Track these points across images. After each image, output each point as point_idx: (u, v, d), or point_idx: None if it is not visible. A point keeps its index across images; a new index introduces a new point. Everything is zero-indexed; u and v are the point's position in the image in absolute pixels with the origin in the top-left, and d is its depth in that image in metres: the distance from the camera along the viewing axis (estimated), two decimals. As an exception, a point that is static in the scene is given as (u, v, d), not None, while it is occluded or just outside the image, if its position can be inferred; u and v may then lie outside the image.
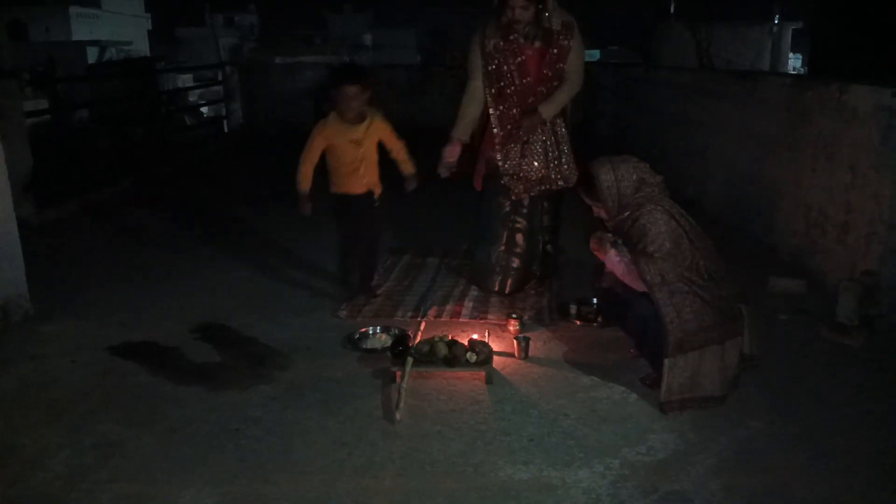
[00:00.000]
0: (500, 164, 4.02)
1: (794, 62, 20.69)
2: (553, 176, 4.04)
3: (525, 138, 3.99)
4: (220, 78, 12.63)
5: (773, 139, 5.07)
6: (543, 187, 4.07)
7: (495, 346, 3.41)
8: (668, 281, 2.87)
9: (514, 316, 3.69)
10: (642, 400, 3.01)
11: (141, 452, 2.68)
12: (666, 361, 2.83)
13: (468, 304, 4.11)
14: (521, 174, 4.01)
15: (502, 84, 3.96)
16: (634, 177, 3.06)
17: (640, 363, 3.27)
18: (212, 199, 7.26)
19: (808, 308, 3.89)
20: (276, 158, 9.93)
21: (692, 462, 2.56)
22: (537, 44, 3.89)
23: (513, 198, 4.07)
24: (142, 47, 29.13)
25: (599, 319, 3.80)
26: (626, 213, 3.06)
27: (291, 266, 4.90)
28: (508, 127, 3.99)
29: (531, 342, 3.44)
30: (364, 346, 3.53)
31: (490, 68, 3.95)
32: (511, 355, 3.41)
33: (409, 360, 3.14)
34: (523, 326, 3.66)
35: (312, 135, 3.97)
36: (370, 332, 3.65)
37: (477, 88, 4.02)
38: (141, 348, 3.60)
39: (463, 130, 4.04)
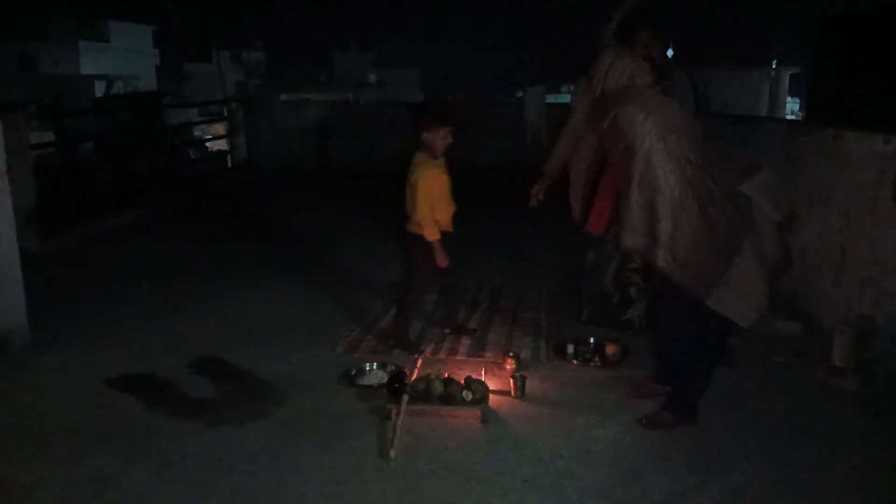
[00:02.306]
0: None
1: (792, 106, 20.95)
2: None
3: None
4: (225, 113, 12.80)
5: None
6: None
7: (492, 385, 3.41)
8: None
9: (510, 354, 3.69)
10: (638, 441, 3.00)
11: (135, 487, 2.67)
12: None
13: (465, 341, 4.12)
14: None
15: None
16: (627, 74, 3.00)
17: (636, 404, 3.28)
18: (213, 233, 7.30)
19: (803, 351, 3.90)
20: (277, 194, 10.06)
21: (687, 505, 2.55)
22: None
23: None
24: (149, 82, 29.54)
25: (596, 359, 3.82)
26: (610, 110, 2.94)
27: (290, 301, 4.91)
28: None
29: (528, 381, 3.44)
30: (360, 383, 3.54)
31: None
32: (507, 393, 3.41)
33: (405, 397, 3.14)
34: (520, 365, 3.66)
35: (427, 178, 3.80)
36: (367, 369, 3.66)
37: (577, 127, 3.95)
38: (138, 381, 3.61)
39: (553, 167, 4.10)
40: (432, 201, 3.82)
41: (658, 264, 2.88)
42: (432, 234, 3.84)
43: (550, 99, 15.58)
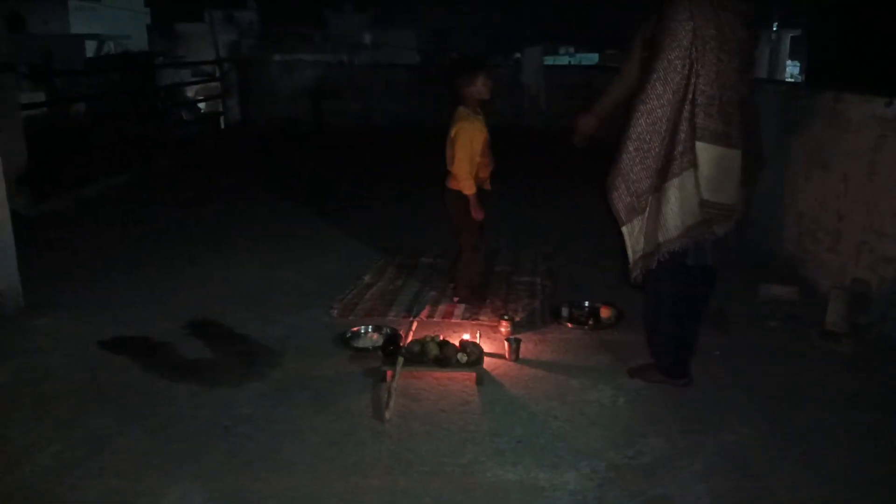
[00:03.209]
0: None
1: (792, 69, 20.74)
2: None
3: None
4: (218, 74, 12.63)
5: (767, 146, 5.09)
6: None
7: (486, 347, 3.42)
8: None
9: (505, 317, 3.70)
10: (631, 403, 3.02)
11: (130, 448, 2.68)
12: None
13: (460, 304, 4.11)
14: None
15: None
16: None
17: (628, 365, 3.30)
18: (207, 195, 7.25)
19: (799, 315, 3.91)
20: (272, 155, 9.97)
21: (679, 466, 2.57)
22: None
23: None
24: (140, 42, 29.04)
25: (591, 322, 3.82)
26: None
27: (285, 264, 4.90)
28: None
29: (522, 344, 3.45)
30: (355, 345, 3.54)
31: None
32: (502, 356, 3.42)
33: (400, 359, 3.15)
34: (514, 328, 3.67)
35: (467, 132, 3.76)
36: (362, 331, 3.66)
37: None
38: (132, 343, 3.61)
39: (602, 108, 3.53)
40: (472, 155, 3.78)
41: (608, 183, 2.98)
42: (469, 188, 3.81)
43: (549, 61, 15.35)
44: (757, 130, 3.08)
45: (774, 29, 17.22)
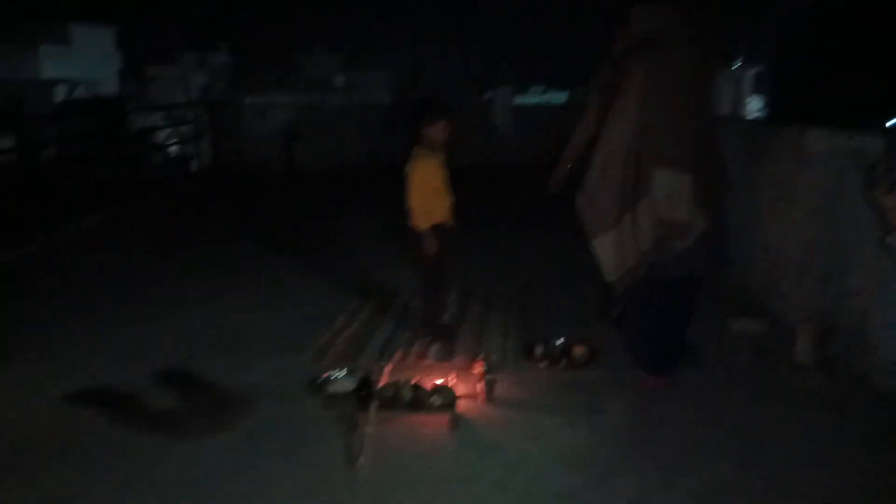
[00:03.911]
0: None
1: (756, 104, 21.29)
2: None
3: None
4: (189, 117, 12.63)
5: (733, 171, 5.19)
6: None
7: (461, 389, 3.40)
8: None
9: (479, 358, 3.68)
10: (606, 442, 3.01)
11: (95, 503, 2.60)
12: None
13: (434, 346, 4.10)
14: None
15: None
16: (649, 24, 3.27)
17: (604, 405, 3.30)
18: (179, 239, 7.19)
19: (767, 348, 3.95)
20: (244, 198, 9.94)
21: (655, 506, 2.56)
22: None
23: None
24: (112, 85, 28.99)
25: (564, 360, 3.82)
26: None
27: (258, 308, 4.85)
28: None
29: (496, 384, 3.43)
30: (328, 391, 3.49)
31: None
32: (476, 398, 3.40)
33: (373, 404, 3.11)
34: (489, 368, 3.65)
35: (421, 169, 3.93)
36: (334, 377, 3.61)
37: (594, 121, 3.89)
38: (99, 394, 3.52)
39: (570, 154, 3.91)
40: (425, 192, 3.94)
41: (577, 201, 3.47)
42: (420, 223, 3.96)
43: (519, 99, 15.63)
44: (716, 157, 3.47)
45: (739, 65, 17.71)
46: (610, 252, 3.40)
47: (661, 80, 3.23)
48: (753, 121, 7.31)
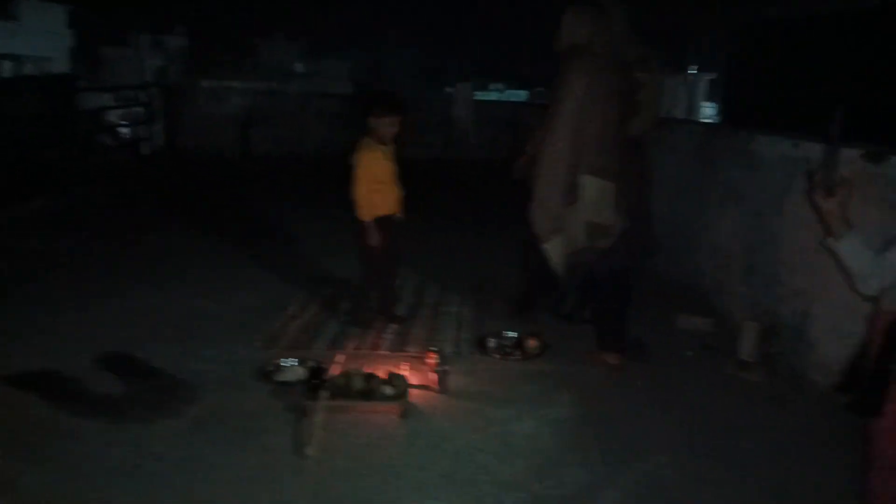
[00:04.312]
0: None
1: (709, 110, 21.76)
2: None
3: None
4: (142, 100, 12.30)
5: (684, 183, 5.32)
6: None
7: (413, 379, 3.40)
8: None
9: (432, 349, 3.68)
10: (555, 433, 3.05)
11: (35, 490, 2.53)
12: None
13: (388, 336, 4.09)
14: None
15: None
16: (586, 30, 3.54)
17: (553, 397, 3.34)
18: (128, 224, 7.00)
19: (713, 345, 4.05)
20: (197, 183, 9.73)
21: (600, 496, 2.60)
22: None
23: None
24: (62, 64, 28.04)
25: (516, 353, 3.85)
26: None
27: (207, 295, 4.75)
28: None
29: (449, 375, 3.44)
30: (277, 379, 3.45)
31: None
32: (429, 388, 3.40)
33: (324, 393, 3.09)
34: (442, 359, 3.66)
35: (365, 160, 3.95)
36: (285, 365, 3.57)
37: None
38: (40, 379, 3.41)
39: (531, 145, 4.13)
40: (369, 183, 3.95)
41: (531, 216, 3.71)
42: (362, 215, 3.98)
43: (479, 96, 15.66)
44: (638, 161, 3.78)
45: (691, 72, 18.09)
46: (560, 253, 3.70)
47: (595, 91, 3.49)
48: (707, 125, 7.50)
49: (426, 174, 4.07)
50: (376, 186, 3.99)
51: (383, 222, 4.04)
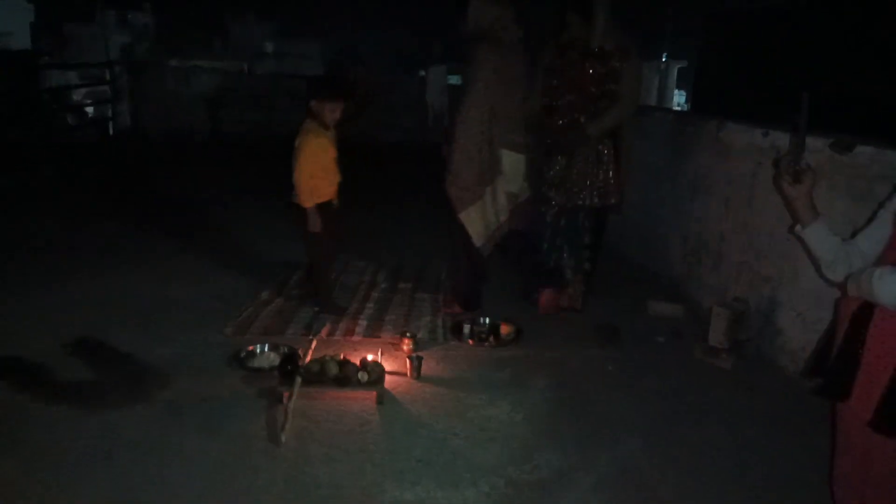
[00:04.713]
0: (544, 172, 4.22)
1: (679, 98, 21.99)
2: (586, 193, 4.18)
3: (569, 151, 4.14)
4: (108, 77, 12.01)
5: (656, 170, 5.36)
6: (580, 202, 4.19)
7: (388, 366, 3.40)
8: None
9: (407, 335, 3.68)
10: (529, 418, 3.08)
11: (6, 477, 2.48)
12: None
13: (362, 322, 4.07)
14: (560, 185, 4.18)
15: (550, 98, 4.16)
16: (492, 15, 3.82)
17: (528, 382, 3.36)
18: (93, 206, 6.85)
19: (683, 331, 4.11)
20: (164, 164, 9.56)
21: (574, 479, 2.64)
22: (587, 63, 4.02)
23: (553, 208, 4.24)
24: (24, 40, 27.21)
25: (491, 339, 3.87)
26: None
27: (178, 280, 4.68)
28: (550, 140, 4.20)
29: (424, 361, 3.45)
30: (250, 365, 3.42)
31: (546, 81, 4.18)
32: (404, 374, 3.41)
33: (298, 379, 3.07)
34: (417, 345, 3.67)
35: (310, 146, 3.87)
36: (257, 351, 3.54)
37: (535, 100, 4.22)
38: (5, 364, 3.34)
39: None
40: (313, 169, 3.88)
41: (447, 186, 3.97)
42: (305, 201, 3.92)
43: (453, 80, 15.60)
44: (617, 149, 4.19)
45: (663, 60, 18.24)
46: (476, 222, 4.00)
47: (502, 73, 3.81)
48: (677, 112, 7.56)
49: (401, 158, 4.06)
50: (320, 173, 3.92)
51: (324, 208, 3.98)
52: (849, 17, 9.28)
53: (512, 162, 4.00)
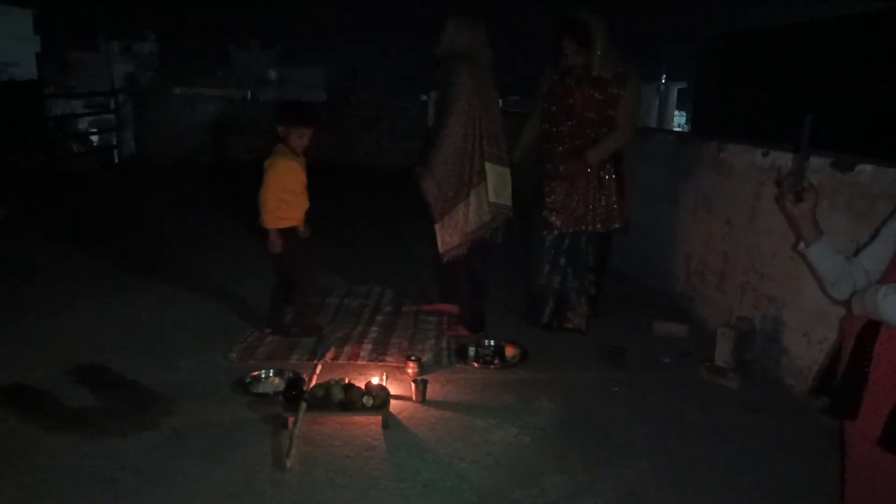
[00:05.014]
0: (545, 197, 4.25)
1: (680, 119, 22.11)
2: (590, 217, 4.21)
3: (569, 178, 4.17)
4: (112, 106, 12.13)
5: (658, 191, 5.38)
6: (581, 227, 4.23)
7: (393, 389, 3.39)
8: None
9: (412, 358, 3.68)
10: (535, 441, 3.06)
11: (4, 507, 2.46)
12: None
13: (367, 346, 4.07)
14: (562, 210, 4.21)
15: (549, 124, 4.25)
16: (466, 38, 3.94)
17: (534, 405, 3.35)
18: (97, 232, 6.89)
19: (689, 351, 4.10)
20: (168, 192, 9.61)
21: (581, 503, 2.61)
22: (587, 89, 4.09)
23: (554, 232, 4.26)
24: (29, 69, 27.55)
25: (496, 361, 3.86)
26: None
27: (181, 304, 4.69)
28: (550, 165, 4.26)
29: (429, 385, 3.43)
30: (255, 391, 3.42)
31: (545, 108, 4.29)
32: (409, 398, 3.39)
33: (303, 404, 3.06)
34: (422, 369, 3.65)
35: (277, 167, 3.88)
36: (262, 376, 3.53)
37: (534, 126, 4.42)
38: (9, 391, 3.33)
39: (517, 154, 4.44)
40: (278, 192, 3.88)
41: (422, 184, 3.98)
42: (267, 222, 3.91)
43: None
44: (620, 172, 4.25)
45: (663, 81, 18.38)
46: (448, 231, 4.06)
47: (481, 92, 3.92)
48: (678, 133, 7.61)
49: (403, 181, 4.07)
50: (287, 196, 3.91)
51: (287, 233, 3.96)
52: (846, 36, 9.37)
53: (497, 174, 4.06)
